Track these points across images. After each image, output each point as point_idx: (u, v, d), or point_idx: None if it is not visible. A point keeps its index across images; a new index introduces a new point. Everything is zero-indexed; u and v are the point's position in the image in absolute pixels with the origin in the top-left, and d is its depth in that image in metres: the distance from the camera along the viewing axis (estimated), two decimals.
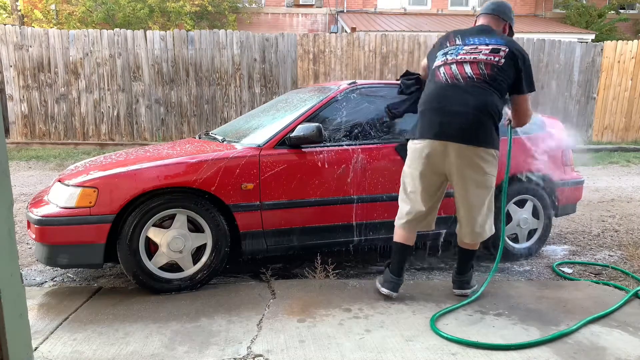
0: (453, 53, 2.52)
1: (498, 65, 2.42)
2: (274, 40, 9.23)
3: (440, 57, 2.56)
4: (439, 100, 2.45)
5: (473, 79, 2.41)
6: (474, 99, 2.38)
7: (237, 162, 2.77)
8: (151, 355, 2.03)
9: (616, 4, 15.01)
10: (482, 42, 2.49)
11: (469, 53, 2.47)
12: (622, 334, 2.25)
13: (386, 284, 2.61)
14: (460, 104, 2.38)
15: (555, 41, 10.00)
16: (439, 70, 2.52)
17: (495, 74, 2.41)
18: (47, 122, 8.93)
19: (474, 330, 2.27)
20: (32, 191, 5.47)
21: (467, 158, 2.40)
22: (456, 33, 2.62)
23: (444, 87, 2.47)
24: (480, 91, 2.40)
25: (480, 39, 2.51)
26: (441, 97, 2.45)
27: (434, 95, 2.49)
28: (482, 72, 2.42)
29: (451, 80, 2.45)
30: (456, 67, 2.47)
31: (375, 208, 3.06)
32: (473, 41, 2.51)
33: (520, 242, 3.49)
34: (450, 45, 2.57)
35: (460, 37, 2.57)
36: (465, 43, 2.52)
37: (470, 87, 2.41)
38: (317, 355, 2.04)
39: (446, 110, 2.41)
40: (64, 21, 12.99)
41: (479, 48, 2.47)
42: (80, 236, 2.54)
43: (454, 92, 2.42)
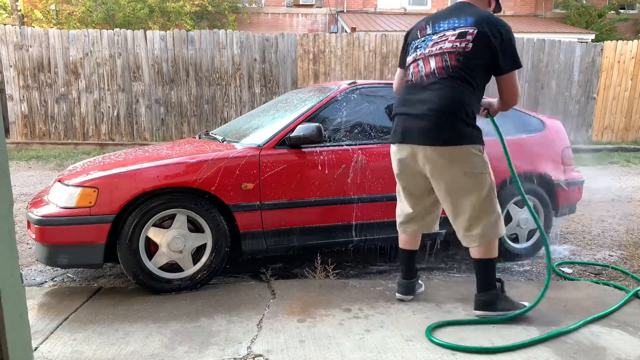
0: (422, 46, 2.33)
1: (465, 52, 2.19)
2: (274, 40, 9.23)
3: (411, 53, 2.39)
4: (403, 103, 2.37)
5: (435, 74, 2.24)
6: (432, 99, 2.22)
7: (237, 162, 2.77)
8: (151, 355, 2.03)
9: (616, 4, 15.02)
10: (450, 26, 2.26)
11: (436, 43, 2.27)
12: (622, 334, 2.25)
13: (399, 287, 2.63)
14: (420, 105, 2.25)
15: (555, 41, 10.00)
16: (409, 69, 2.39)
17: (461, 64, 2.19)
18: (47, 122, 8.93)
19: (474, 330, 2.26)
20: (32, 191, 5.47)
21: (435, 160, 2.24)
22: (428, 19, 2.40)
23: (409, 88, 2.37)
24: (443, 88, 2.21)
25: (450, 22, 2.27)
26: (405, 100, 2.36)
27: (400, 98, 2.42)
28: (445, 65, 2.21)
29: (415, 79, 2.32)
30: (422, 63, 2.30)
31: (375, 208, 3.06)
32: (442, 27, 2.29)
33: (520, 242, 3.49)
34: (420, 37, 2.37)
35: (431, 24, 2.35)
36: (434, 31, 2.31)
37: (432, 85, 2.24)
38: (317, 355, 2.04)
39: (408, 114, 2.31)
40: (64, 21, 12.99)
41: (446, 35, 2.25)
42: (80, 236, 2.54)
43: (415, 93, 2.30)
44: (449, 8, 2.38)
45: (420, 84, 2.29)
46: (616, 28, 14.65)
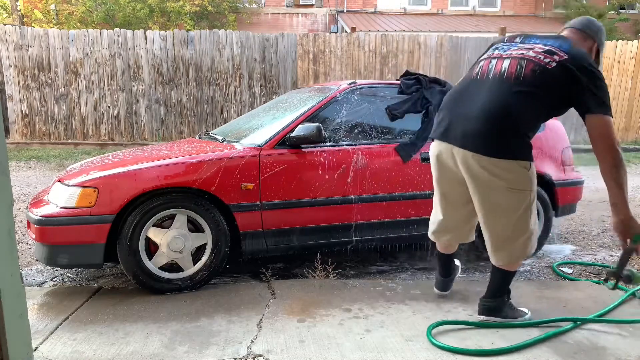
0: (504, 48, 2.17)
1: (545, 67, 1.99)
2: (274, 40, 9.23)
3: (488, 52, 2.24)
4: (455, 97, 2.19)
5: (503, 75, 2.04)
6: (491, 99, 2.03)
7: (237, 162, 2.77)
8: (151, 355, 2.03)
9: (616, 4, 15.02)
10: (542, 42, 2.10)
11: (520, 50, 2.10)
12: (622, 334, 2.25)
13: (437, 283, 2.66)
14: (474, 103, 2.06)
15: None
16: (477, 65, 2.21)
17: (535, 75, 2.00)
18: (47, 122, 8.92)
19: (474, 330, 2.26)
20: (32, 191, 5.47)
21: (472, 167, 2.07)
22: (524, 34, 2.25)
23: (468, 84, 2.17)
24: (506, 91, 2.02)
25: (543, 40, 2.12)
26: (458, 94, 2.19)
27: (454, 91, 2.24)
28: (518, 70, 2.02)
29: (481, 76, 2.12)
30: (496, 61, 2.11)
31: (375, 208, 3.06)
32: (533, 40, 2.14)
33: None
34: (508, 42, 2.22)
35: (524, 37, 2.21)
36: (524, 42, 2.16)
37: (496, 85, 2.05)
38: (317, 355, 2.04)
39: (458, 110, 2.13)
40: (64, 21, 12.99)
41: (534, 46, 2.09)
42: (80, 236, 2.54)
43: (473, 90, 2.11)
44: (549, 34, 2.20)
45: (482, 81, 2.09)
46: (616, 28, 14.64)
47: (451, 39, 9.66)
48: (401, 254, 3.67)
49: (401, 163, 3.10)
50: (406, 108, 3.17)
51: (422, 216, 3.18)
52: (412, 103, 3.17)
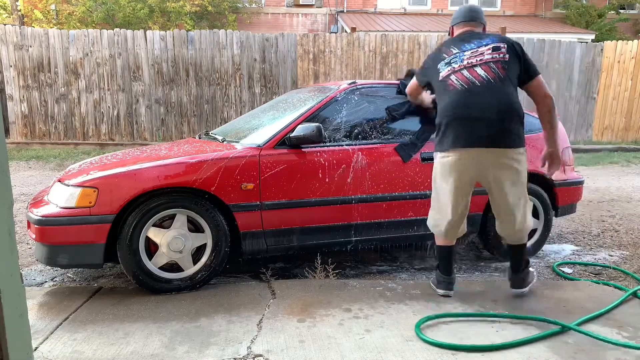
0: (456, 61, 2.48)
1: (505, 60, 2.43)
2: (274, 40, 9.23)
3: (444, 68, 2.52)
4: (462, 108, 2.39)
5: (489, 80, 2.39)
6: (497, 101, 2.36)
7: (237, 162, 2.77)
8: (151, 355, 2.03)
9: (616, 4, 15.01)
10: (479, 44, 2.49)
11: (472, 57, 2.46)
12: (622, 334, 2.25)
13: (440, 284, 2.67)
14: (485, 108, 2.34)
15: (555, 41, 10.00)
16: (449, 79, 2.47)
17: (506, 70, 2.42)
18: (47, 122, 8.93)
19: (474, 330, 2.27)
20: (32, 191, 5.47)
21: (501, 161, 2.41)
22: (447, 44, 2.61)
23: (463, 94, 2.41)
24: (501, 91, 2.38)
25: (475, 43, 2.51)
26: (463, 105, 2.40)
27: (455, 104, 2.42)
28: (495, 72, 2.41)
29: (467, 85, 2.41)
30: (467, 72, 2.43)
31: (375, 208, 3.06)
32: (470, 46, 2.50)
33: None
34: (448, 56, 2.54)
35: (453, 46, 2.55)
36: (462, 50, 2.51)
37: (490, 90, 2.38)
38: (317, 355, 2.04)
39: (473, 117, 2.36)
40: (64, 21, 12.99)
41: (479, 50, 2.47)
42: (80, 236, 2.54)
43: (475, 98, 2.38)
44: (461, 36, 2.61)
45: (474, 89, 2.39)
46: (616, 28, 14.65)
47: None
48: (401, 254, 3.67)
49: (401, 163, 3.10)
50: (406, 109, 3.17)
51: (422, 216, 3.18)
52: (412, 104, 3.17)
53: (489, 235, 3.37)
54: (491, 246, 3.45)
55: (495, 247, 3.43)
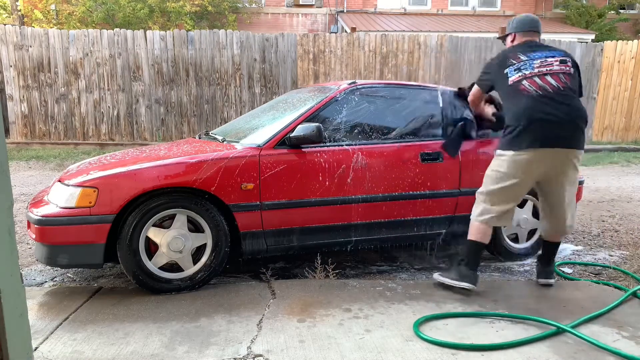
0: (526, 68, 2.67)
1: (570, 73, 2.68)
2: (274, 40, 9.23)
3: (514, 73, 2.69)
4: (539, 112, 2.57)
5: (560, 88, 2.60)
6: (570, 107, 2.58)
7: (237, 162, 2.77)
8: (151, 355, 2.03)
9: (616, 4, 15.01)
10: (546, 55, 2.70)
11: (542, 66, 2.66)
12: (623, 334, 2.25)
13: (466, 278, 2.71)
14: (561, 113, 2.55)
15: (555, 41, 10.00)
16: (521, 84, 2.65)
17: (572, 82, 2.66)
18: (47, 122, 8.93)
19: (474, 330, 2.27)
20: (32, 191, 5.47)
21: (570, 161, 2.64)
22: (512, 51, 2.78)
23: (539, 99, 2.59)
24: (572, 99, 2.62)
25: (542, 53, 2.72)
26: (540, 110, 2.57)
27: (532, 109, 2.59)
28: (564, 82, 2.63)
29: (542, 91, 2.59)
30: (539, 79, 2.62)
31: (375, 208, 3.06)
32: (537, 55, 2.70)
33: (520, 242, 3.49)
34: (517, 62, 2.71)
35: (521, 54, 2.73)
36: (531, 58, 2.70)
37: (563, 97, 2.59)
38: (317, 355, 2.04)
39: (550, 121, 2.54)
40: (64, 21, 12.99)
41: (548, 60, 2.68)
42: (80, 236, 2.54)
43: (551, 103, 2.57)
44: (527, 44, 2.80)
45: (549, 95, 2.58)
46: (616, 28, 14.65)
47: (451, 39, 9.66)
48: (401, 254, 3.67)
49: (401, 164, 3.10)
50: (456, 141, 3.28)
51: (422, 216, 3.19)
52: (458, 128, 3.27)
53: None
54: (491, 246, 3.45)
55: (494, 247, 3.42)
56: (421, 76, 9.61)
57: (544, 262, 2.93)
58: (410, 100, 3.34)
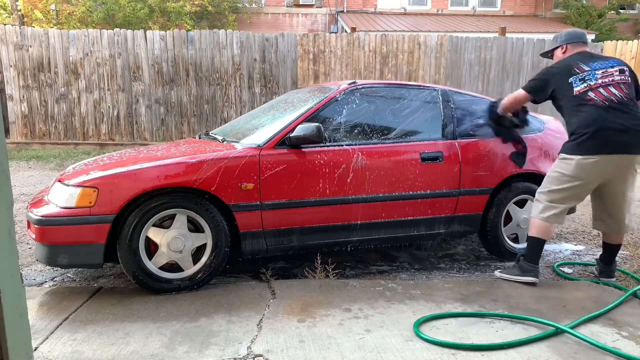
0: (590, 79, 2.81)
1: (629, 83, 2.84)
2: (274, 40, 9.23)
3: (579, 83, 2.82)
4: (607, 121, 2.72)
5: (623, 98, 2.76)
6: (633, 116, 2.73)
7: (237, 162, 2.77)
8: (151, 355, 2.03)
9: (616, 4, 15.01)
10: (605, 65, 2.85)
11: (604, 77, 2.81)
12: (623, 334, 2.25)
13: (529, 273, 2.88)
14: (627, 121, 2.70)
15: None
16: (587, 95, 2.79)
17: (630, 91, 2.82)
18: (47, 122, 8.92)
19: (474, 330, 2.27)
20: (32, 191, 5.47)
21: (632, 166, 2.81)
22: (574, 60, 2.90)
23: (605, 109, 2.74)
24: (633, 107, 2.78)
25: (600, 63, 2.86)
26: (606, 119, 2.72)
27: (600, 118, 2.73)
28: (626, 92, 2.79)
29: (608, 102, 2.74)
30: (604, 90, 2.78)
31: (375, 208, 3.06)
32: (597, 65, 2.85)
33: (520, 242, 3.49)
34: (581, 72, 2.84)
35: (582, 64, 2.87)
36: (592, 68, 2.83)
37: (626, 106, 2.75)
38: (317, 355, 2.04)
39: (617, 129, 2.70)
40: (64, 21, 12.99)
41: (609, 71, 2.82)
42: (80, 236, 2.54)
43: (617, 112, 2.73)
44: (583, 55, 2.94)
45: (613, 105, 2.74)
46: (616, 28, 14.64)
47: (451, 39, 9.66)
48: (401, 254, 3.67)
49: (401, 164, 3.10)
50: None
51: (422, 216, 3.19)
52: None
53: (488, 235, 3.37)
54: (491, 246, 3.45)
55: (495, 247, 3.43)
56: (421, 76, 9.60)
57: (605, 262, 3.08)
58: (410, 101, 3.34)
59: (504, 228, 3.40)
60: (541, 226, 2.88)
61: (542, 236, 2.89)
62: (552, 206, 2.86)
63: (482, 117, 3.40)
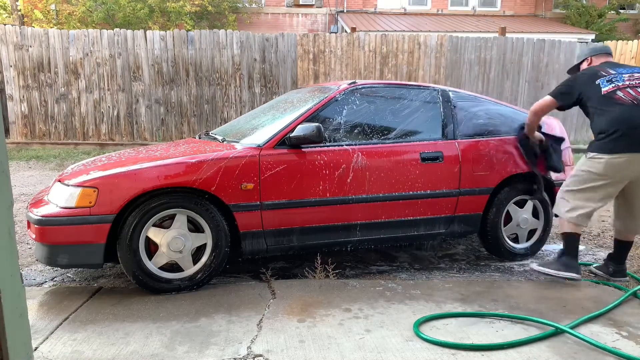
0: (618, 80, 2.86)
1: None
2: (274, 40, 9.23)
3: (606, 84, 2.87)
4: (638, 118, 2.74)
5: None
6: None
7: (237, 162, 2.77)
8: (151, 355, 2.03)
9: (616, 4, 15.01)
10: (631, 70, 2.92)
11: (631, 80, 2.86)
12: (622, 334, 2.25)
13: (573, 269, 2.89)
14: None
15: (555, 41, 10.00)
16: (616, 94, 2.82)
17: None
18: (47, 122, 8.92)
19: (474, 330, 2.27)
20: (32, 191, 5.47)
21: None
22: (600, 67, 2.98)
23: (634, 108, 2.76)
24: None
25: (625, 69, 2.93)
26: (637, 116, 2.74)
27: (630, 115, 2.76)
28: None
29: (636, 102, 2.76)
30: (632, 90, 2.81)
31: (375, 208, 3.06)
32: (623, 70, 2.92)
33: (520, 242, 3.49)
34: (607, 74, 2.90)
35: (608, 68, 2.95)
36: (618, 72, 2.91)
37: None
38: (317, 355, 2.04)
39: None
40: (64, 21, 12.99)
41: (635, 75, 2.88)
42: (80, 236, 2.54)
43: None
44: (608, 63, 3.01)
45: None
46: (616, 28, 14.64)
47: (451, 39, 9.66)
48: (401, 254, 3.67)
49: (401, 164, 3.10)
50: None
51: (422, 216, 3.19)
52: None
53: (488, 235, 3.37)
54: (491, 246, 3.45)
55: (495, 247, 3.43)
56: (421, 76, 9.60)
57: (618, 261, 3.07)
58: (410, 100, 3.34)
59: (504, 228, 3.40)
60: (570, 224, 2.91)
61: (574, 230, 2.92)
62: (581, 205, 2.88)
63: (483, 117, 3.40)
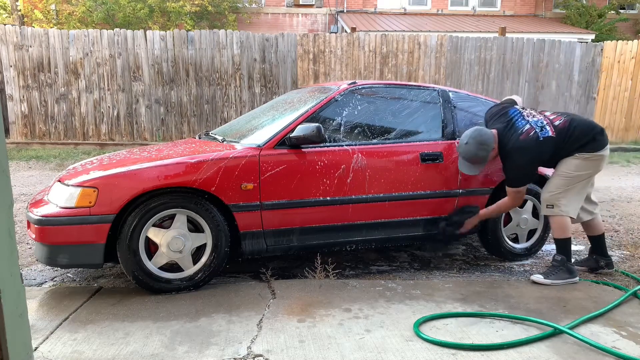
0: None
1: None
2: (274, 40, 9.23)
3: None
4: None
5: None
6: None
7: (237, 162, 2.77)
8: (151, 355, 2.03)
9: (616, 4, 15.01)
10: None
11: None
12: (622, 334, 2.25)
13: (575, 273, 2.96)
14: None
15: (555, 41, 10.00)
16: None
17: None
18: (47, 122, 8.92)
19: (474, 330, 2.27)
20: (32, 191, 5.47)
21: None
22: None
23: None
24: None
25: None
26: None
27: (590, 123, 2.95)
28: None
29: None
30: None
31: (375, 208, 3.06)
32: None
33: (520, 242, 3.49)
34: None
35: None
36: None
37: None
38: (317, 355, 2.04)
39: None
40: (64, 21, 12.98)
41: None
42: (80, 236, 2.54)
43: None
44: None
45: None
46: (616, 28, 14.64)
47: (451, 39, 9.65)
48: (401, 254, 3.67)
49: (401, 164, 3.10)
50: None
51: (422, 216, 3.19)
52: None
53: (488, 235, 3.37)
54: (491, 246, 3.45)
55: (495, 247, 3.42)
56: (421, 76, 9.60)
57: (602, 254, 3.17)
58: (410, 101, 3.34)
59: (504, 228, 3.40)
60: (567, 224, 2.95)
61: (569, 234, 2.97)
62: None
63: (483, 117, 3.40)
